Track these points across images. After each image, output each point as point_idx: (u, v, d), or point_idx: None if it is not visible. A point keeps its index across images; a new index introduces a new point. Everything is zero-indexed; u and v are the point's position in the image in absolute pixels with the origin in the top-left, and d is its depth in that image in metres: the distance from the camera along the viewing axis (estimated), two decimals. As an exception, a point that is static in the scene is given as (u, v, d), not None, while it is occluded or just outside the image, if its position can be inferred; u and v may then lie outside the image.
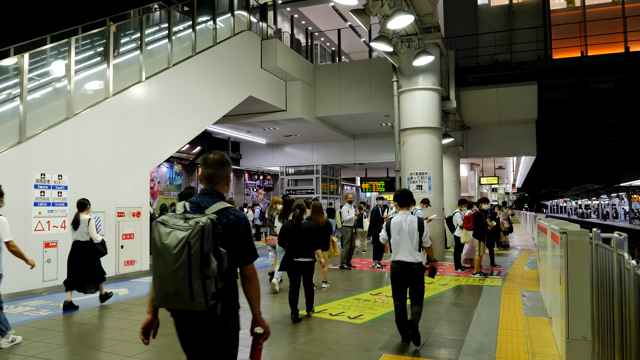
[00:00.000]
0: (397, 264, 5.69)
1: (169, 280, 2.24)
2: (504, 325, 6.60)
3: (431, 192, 13.60)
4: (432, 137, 13.89)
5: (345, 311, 7.43)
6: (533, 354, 5.39)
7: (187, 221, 2.30)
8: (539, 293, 8.82)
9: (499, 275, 11.10)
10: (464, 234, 11.43)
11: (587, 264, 4.46)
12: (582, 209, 79.89)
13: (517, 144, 20.62)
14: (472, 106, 19.69)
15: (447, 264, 12.96)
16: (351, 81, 18.27)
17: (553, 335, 6.03)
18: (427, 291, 9.19)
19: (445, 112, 17.05)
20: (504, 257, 14.67)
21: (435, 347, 5.66)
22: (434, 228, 13.36)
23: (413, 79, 14.01)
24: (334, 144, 23.45)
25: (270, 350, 5.49)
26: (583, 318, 4.52)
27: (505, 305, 7.94)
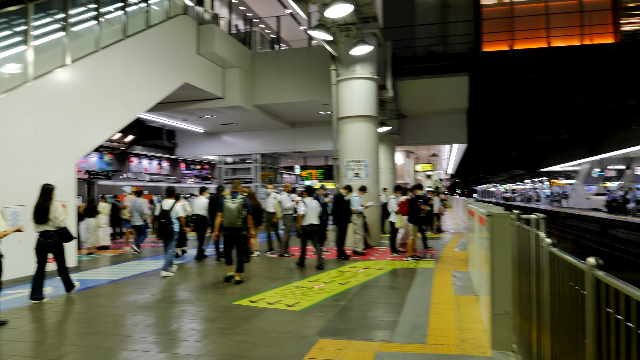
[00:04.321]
0: (309, 225, 10.52)
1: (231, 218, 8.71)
2: (436, 305, 6.94)
3: (368, 179, 13.92)
4: (369, 126, 14.19)
5: (283, 299, 7.53)
6: (461, 330, 5.72)
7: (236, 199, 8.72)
8: (469, 273, 9.29)
9: (432, 258, 11.58)
10: (399, 219, 11.80)
11: (509, 243, 4.78)
12: (508, 193, 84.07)
13: (449, 132, 21.38)
14: (408, 95, 20.21)
15: (383, 248, 13.35)
16: (290, 69, 18.28)
17: (480, 311, 6.41)
18: (364, 275, 9.48)
19: (382, 101, 17.42)
20: (437, 241, 15.27)
21: (371, 329, 5.89)
22: (371, 214, 13.71)
23: (351, 68, 14.21)
24: (273, 133, 23.42)
25: (206, 342, 5.48)
26: (505, 294, 4.85)
27: (437, 286, 8.32)
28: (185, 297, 8.03)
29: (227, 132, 23.89)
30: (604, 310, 2.11)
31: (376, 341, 5.39)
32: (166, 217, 9.84)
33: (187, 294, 8.32)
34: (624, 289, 1.86)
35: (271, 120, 20.76)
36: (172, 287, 8.84)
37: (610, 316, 2.03)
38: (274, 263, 11.38)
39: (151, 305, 7.35)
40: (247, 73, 18.24)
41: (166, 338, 5.69)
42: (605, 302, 2.11)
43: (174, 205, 9.96)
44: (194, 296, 8.07)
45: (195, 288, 8.71)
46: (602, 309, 2.13)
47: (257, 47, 21.18)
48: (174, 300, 7.74)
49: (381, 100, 17.15)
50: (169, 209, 9.88)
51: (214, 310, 6.96)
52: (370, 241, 13.67)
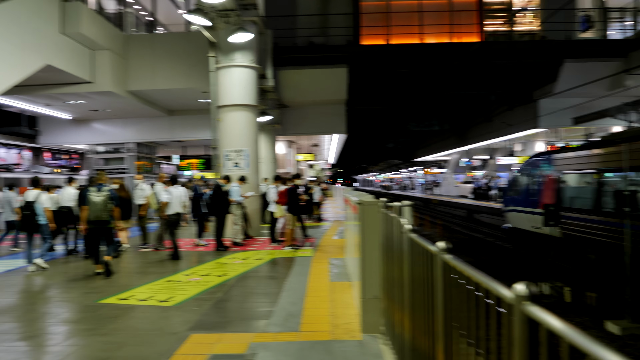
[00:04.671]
0: (174, 215, 10.35)
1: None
2: (311, 293, 7.03)
3: (248, 169, 13.76)
4: (249, 115, 14.01)
5: (155, 295, 7.19)
6: (335, 315, 5.85)
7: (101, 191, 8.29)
8: (345, 260, 9.56)
9: (310, 246, 11.76)
10: (278, 209, 11.82)
11: (378, 230, 4.94)
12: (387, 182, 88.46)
13: (329, 123, 21.84)
14: (289, 85, 20.27)
15: (264, 238, 13.31)
16: (167, 54, 17.43)
17: (353, 297, 6.60)
18: (242, 266, 9.36)
19: (263, 90, 17.28)
20: (316, 229, 15.55)
21: (246, 320, 5.81)
22: (251, 204, 13.58)
23: (230, 55, 13.90)
24: (149, 120, 22.27)
25: (67, 346, 5.06)
26: (375, 279, 5.02)
27: (313, 274, 8.45)
28: (48, 298, 7.37)
29: (98, 119, 22.30)
30: (450, 290, 2.21)
31: (250, 332, 5.33)
32: (30, 209, 9.04)
33: (50, 293, 7.64)
34: (466, 270, 1.96)
35: (147, 108, 19.72)
36: (34, 287, 8.06)
37: (454, 295, 2.13)
38: (147, 257, 10.83)
39: (8, 308, 6.63)
40: (120, 56, 17.11)
41: (23, 344, 5.15)
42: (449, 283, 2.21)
43: (39, 196, 9.14)
44: (57, 296, 7.43)
45: (59, 287, 8.02)
46: (448, 289, 2.24)
47: (131, 29, 19.96)
48: (35, 302, 7.05)
49: (262, 90, 17.02)
50: (33, 201, 9.06)
51: (79, 311, 6.45)
52: (250, 231, 13.56)
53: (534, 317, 1.30)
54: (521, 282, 1.40)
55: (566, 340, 1.13)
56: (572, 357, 1.14)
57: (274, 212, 12.09)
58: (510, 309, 1.43)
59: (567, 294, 10.52)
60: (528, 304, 1.34)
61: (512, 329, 1.41)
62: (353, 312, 5.90)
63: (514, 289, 1.39)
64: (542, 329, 1.27)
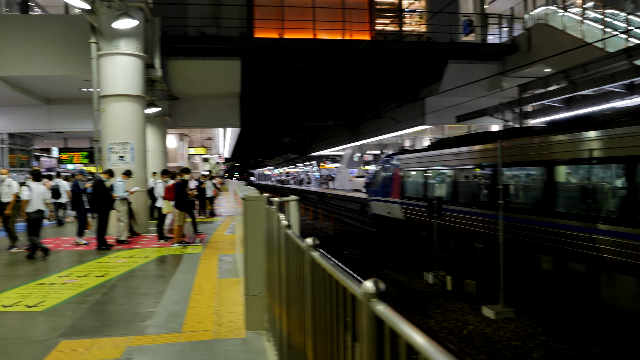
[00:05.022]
0: (36, 212, 9.72)
1: None
2: (197, 291, 6.83)
3: (134, 163, 13.09)
4: (135, 106, 13.32)
5: (24, 300, 6.58)
6: (219, 313, 5.71)
7: None
8: (235, 256, 9.41)
9: (200, 243, 11.45)
10: (166, 205, 11.37)
11: (262, 226, 4.88)
12: (283, 176, 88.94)
13: (222, 116, 21.41)
14: (180, 76, 19.55)
15: (151, 235, 12.75)
16: (44, 38, 16.02)
17: (240, 294, 6.50)
18: (125, 265, 8.88)
19: (151, 80, 16.50)
20: (208, 225, 15.20)
21: (124, 323, 5.49)
22: (138, 200, 12.93)
23: (114, 42, 13.10)
24: (24, 110, 20.40)
25: None
26: (259, 275, 4.96)
27: (201, 271, 8.22)
28: None
29: (-37, 107, 20.07)
30: (317, 287, 2.20)
31: (128, 336, 5.04)
32: None
33: None
34: (328, 267, 1.95)
35: (20, 95, 18.04)
36: None
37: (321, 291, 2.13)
38: (16, 260, 9.90)
39: None
40: (-13, 38, 15.48)
41: None
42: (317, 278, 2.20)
43: None
44: None
45: None
46: (315, 285, 2.23)
47: (4, 8, 18.14)
48: None
49: (150, 80, 16.25)
50: None
51: None
52: (136, 228, 12.92)
53: (379, 314, 1.30)
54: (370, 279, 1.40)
55: (403, 338, 1.14)
56: (410, 353, 1.15)
57: (161, 207, 11.61)
58: (360, 306, 1.43)
59: (449, 283, 11.19)
60: (376, 302, 1.34)
61: (360, 325, 1.41)
62: (239, 310, 5.80)
63: (363, 286, 1.39)
64: (386, 326, 1.28)
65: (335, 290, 1.86)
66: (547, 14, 19.39)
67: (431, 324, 8.97)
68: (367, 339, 1.36)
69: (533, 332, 8.29)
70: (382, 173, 18.52)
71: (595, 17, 17.22)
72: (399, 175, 16.56)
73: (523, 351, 7.54)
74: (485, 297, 10.37)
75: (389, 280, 12.43)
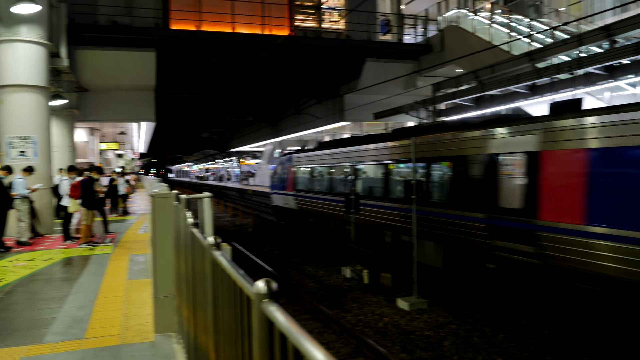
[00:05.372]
0: None
1: None
2: (104, 294, 6.47)
3: (37, 158, 12.23)
4: (38, 97, 12.43)
5: None
6: (127, 317, 5.44)
7: None
8: (148, 255, 9.03)
9: (111, 243, 10.90)
10: (72, 203, 10.70)
11: (172, 224, 4.68)
12: (202, 173, 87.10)
13: (136, 110, 20.54)
14: (90, 67, 18.51)
15: (56, 236, 11.97)
16: None
17: (151, 295, 6.23)
18: (25, 269, 8.26)
19: (57, 70, 15.49)
20: (120, 223, 14.53)
21: (21, 332, 5.09)
22: (41, 198, 12.07)
23: (14, 28, 12.14)
24: None
25: None
26: (168, 275, 4.76)
27: (110, 272, 7.81)
28: None
29: None
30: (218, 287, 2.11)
31: (24, 345, 4.66)
32: None
33: None
34: (227, 267, 1.86)
35: None
36: None
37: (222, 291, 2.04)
38: None
39: None
40: None
41: None
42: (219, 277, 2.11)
43: None
44: None
45: None
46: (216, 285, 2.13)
47: None
48: None
49: (55, 70, 15.24)
50: None
51: None
52: (39, 229, 12.07)
53: (269, 316, 1.23)
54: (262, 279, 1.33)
55: (290, 340, 1.08)
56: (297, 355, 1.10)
57: (67, 206, 10.92)
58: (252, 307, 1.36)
59: (366, 277, 11.39)
60: (267, 302, 1.27)
61: (252, 326, 1.35)
62: (148, 312, 5.55)
63: (255, 286, 1.32)
64: (276, 328, 1.22)
65: (234, 291, 1.78)
66: (458, 16, 20.25)
67: (348, 317, 9.09)
68: (258, 341, 1.30)
69: (444, 321, 8.63)
70: (280, 169, 21.08)
71: (502, 22, 18.19)
72: (293, 172, 19.23)
73: (435, 340, 7.82)
74: (400, 289, 10.66)
75: (307, 276, 12.48)
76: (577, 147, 7.44)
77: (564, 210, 7.58)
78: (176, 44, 19.62)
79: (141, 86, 19.67)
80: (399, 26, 23.42)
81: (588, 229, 7.13)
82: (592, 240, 7.07)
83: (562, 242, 7.55)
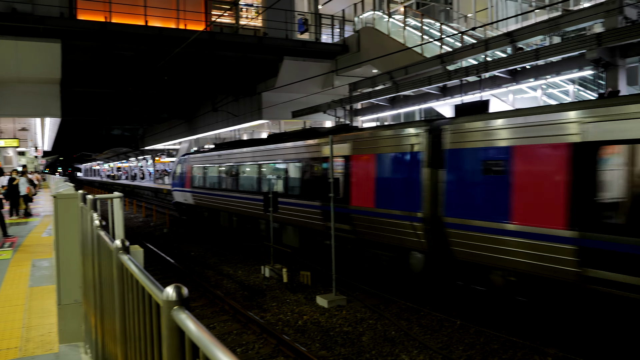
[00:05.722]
0: None
1: None
2: (2, 303, 5.96)
3: None
4: None
5: None
6: (29, 327, 5.05)
7: None
8: (53, 260, 8.46)
9: (10, 247, 10.10)
10: (-35, 205, 9.81)
11: (77, 226, 4.40)
12: (114, 171, 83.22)
13: (40, 105, 19.17)
14: (-15, 58, 17.07)
15: (-53, 241, 10.93)
16: None
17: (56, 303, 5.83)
18: None
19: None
20: (22, 226, 13.53)
21: None
22: None
23: None
24: None
25: None
26: (75, 281, 4.47)
27: (9, 279, 7.22)
28: None
29: None
30: (127, 293, 1.99)
31: None
32: None
33: None
34: (135, 272, 1.75)
35: None
36: None
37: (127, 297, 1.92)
38: None
39: None
40: None
41: None
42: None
43: None
44: None
45: None
46: (125, 290, 2.01)
47: None
48: None
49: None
50: None
51: None
52: None
53: (180, 324, 1.16)
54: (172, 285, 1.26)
55: (202, 349, 1.02)
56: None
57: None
58: (161, 314, 1.28)
59: (285, 275, 11.37)
60: (178, 310, 1.20)
61: (162, 334, 1.26)
62: (52, 321, 5.18)
63: (164, 293, 1.24)
64: (187, 337, 1.15)
65: (143, 297, 1.68)
66: (374, 18, 20.72)
67: (268, 317, 9.03)
68: (168, 350, 1.22)
69: (362, 317, 8.79)
70: (179, 169, 23.49)
71: (415, 25, 18.84)
72: (190, 170, 21.61)
73: (354, 336, 7.95)
74: (319, 286, 10.75)
75: (226, 276, 12.26)
76: (363, 154, 10.46)
77: (363, 198, 10.35)
78: (84, 35, 18.55)
79: (45, 79, 18.38)
80: (316, 26, 23.60)
81: (376, 210, 9.96)
82: (379, 218, 9.90)
83: (363, 221, 10.38)
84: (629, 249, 5.85)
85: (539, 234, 6.89)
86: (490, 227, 7.65)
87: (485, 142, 7.83)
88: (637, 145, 5.80)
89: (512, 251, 7.32)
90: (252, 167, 16.05)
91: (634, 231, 5.81)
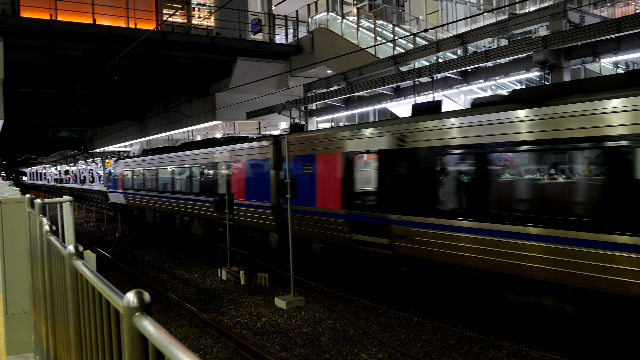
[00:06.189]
0: None
1: None
2: (-58, 315, 5.64)
3: None
4: None
5: None
6: (-28, 340, 4.79)
7: None
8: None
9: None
10: None
11: (24, 232, 4.21)
12: (62, 175, 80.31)
13: (-21, 106, 18.30)
14: None
15: None
16: None
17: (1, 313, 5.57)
18: None
19: None
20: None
21: None
22: None
23: None
24: None
25: None
26: (22, 289, 4.28)
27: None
28: None
29: None
30: (82, 300, 1.91)
31: None
32: None
33: None
34: (91, 278, 1.69)
35: None
36: None
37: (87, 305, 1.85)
38: None
39: None
40: None
41: None
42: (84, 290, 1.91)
43: None
44: None
45: None
46: (80, 297, 1.93)
47: None
48: None
49: None
50: None
51: None
52: None
53: (143, 331, 1.12)
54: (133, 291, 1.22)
55: (167, 356, 0.99)
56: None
57: None
58: (122, 321, 1.24)
59: (242, 277, 11.27)
60: (139, 316, 1.16)
61: (123, 342, 1.22)
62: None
63: (125, 299, 1.20)
64: (151, 345, 1.11)
65: (100, 304, 1.62)
66: (328, 19, 20.82)
67: (225, 320, 8.92)
68: (129, 358, 1.17)
69: (321, 317, 8.81)
70: (113, 171, 26.17)
71: (368, 26, 19.05)
72: (122, 173, 23.97)
73: (313, 337, 7.95)
74: (277, 288, 10.71)
75: (182, 280, 12.04)
76: (238, 160, 13.65)
77: (238, 193, 13.17)
78: (27, 33, 17.84)
79: (-15, 79, 17.55)
80: (270, 26, 23.51)
81: (246, 202, 13.05)
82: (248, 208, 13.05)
83: (239, 211, 13.24)
84: (363, 218, 9.31)
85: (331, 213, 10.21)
86: (305, 209, 10.88)
87: (302, 151, 11.13)
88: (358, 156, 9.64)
89: (320, 226, 10.54)
90: (168, 170, 18.62)
91: (366, 208, 9.30)
